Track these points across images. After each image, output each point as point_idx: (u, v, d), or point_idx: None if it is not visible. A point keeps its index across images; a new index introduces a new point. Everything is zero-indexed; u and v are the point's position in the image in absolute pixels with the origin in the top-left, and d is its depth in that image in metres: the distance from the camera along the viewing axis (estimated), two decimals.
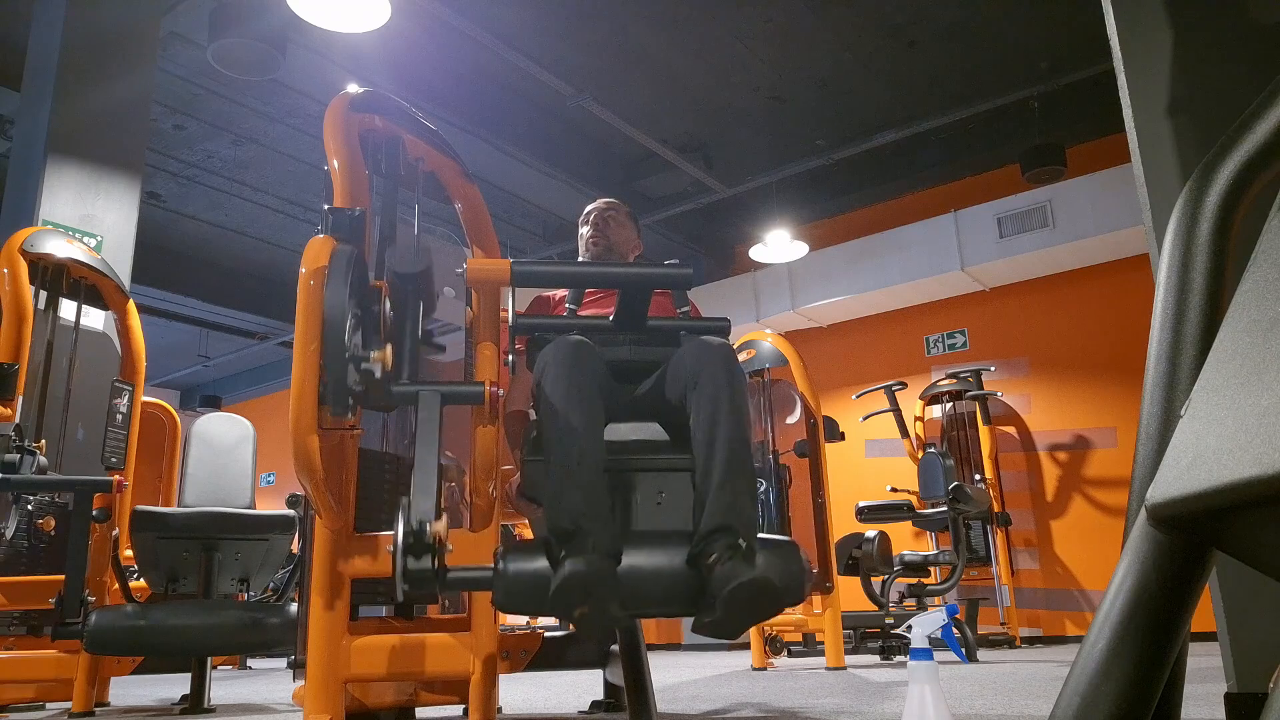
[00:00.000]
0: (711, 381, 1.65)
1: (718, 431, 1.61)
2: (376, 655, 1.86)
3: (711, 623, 1.46)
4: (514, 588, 1.52)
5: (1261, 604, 1.55)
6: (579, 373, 1.66)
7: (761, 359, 4.84)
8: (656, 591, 1.55)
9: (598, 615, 1.44)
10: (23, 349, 2.97)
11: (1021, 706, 2.36)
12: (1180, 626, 0.61)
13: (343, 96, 2.04)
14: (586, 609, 1.43)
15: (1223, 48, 1.76)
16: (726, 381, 1.66)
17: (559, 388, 1.63)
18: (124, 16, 4.71)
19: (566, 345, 1.70)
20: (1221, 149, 0.75)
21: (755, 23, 5.66)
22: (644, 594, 1.54)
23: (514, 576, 1.53)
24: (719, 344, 1.73)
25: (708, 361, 1.68)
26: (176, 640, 2.73)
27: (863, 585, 5.03)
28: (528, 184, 7.36)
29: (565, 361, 1.67)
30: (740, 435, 1.62)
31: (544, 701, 2.99)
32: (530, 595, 1.51)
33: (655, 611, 1.66)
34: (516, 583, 1.52)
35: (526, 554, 1.55)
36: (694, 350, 1.72)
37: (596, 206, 2.53)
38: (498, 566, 1.54)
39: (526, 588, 1.51)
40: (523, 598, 1.52)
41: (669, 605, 1.57)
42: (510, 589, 1.53)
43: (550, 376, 1.66)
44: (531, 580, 1.51)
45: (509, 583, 1.53)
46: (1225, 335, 0.60)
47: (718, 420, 1.62)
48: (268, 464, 10.06)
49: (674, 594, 1.54)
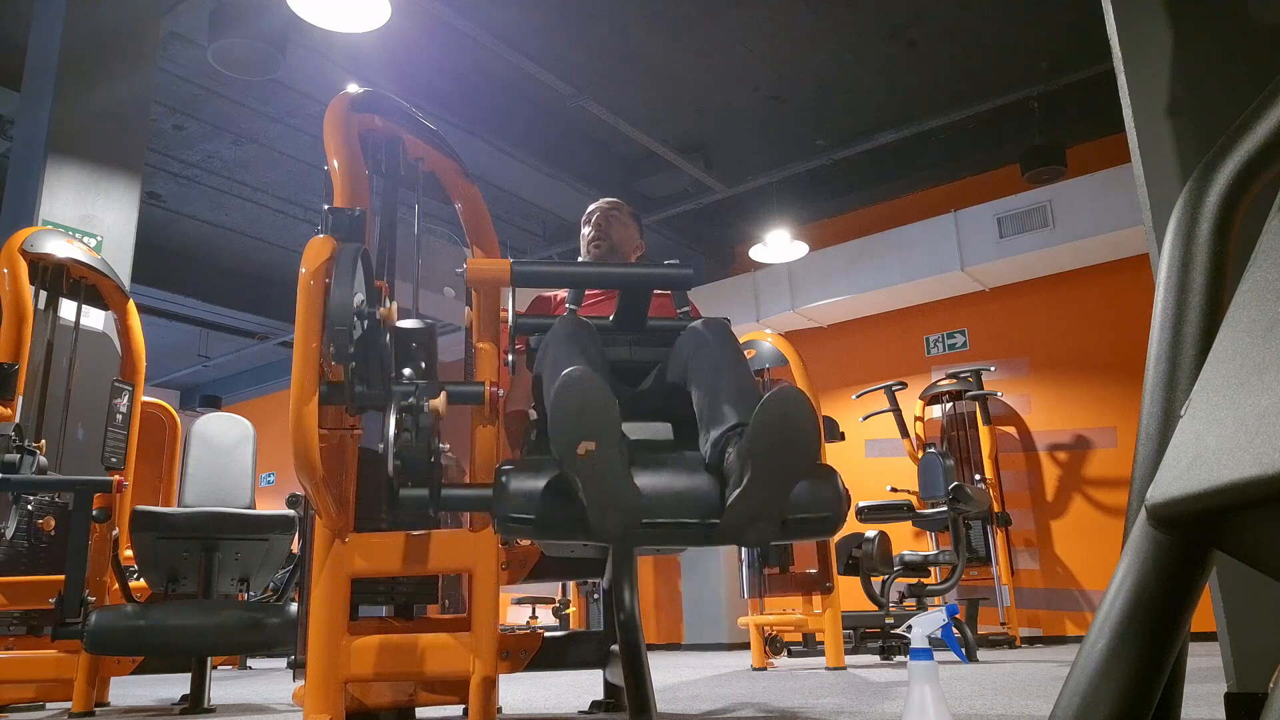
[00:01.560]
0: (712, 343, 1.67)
1: (721, 371, 1.61)
2: (376, 655, 1.86)
3: (740, 497, 1.34)
4: (515, 502, 1.42)
5: (1261, 604, 1.55)
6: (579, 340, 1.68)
7: (761, 359, 4.84)
8: (676, 501, 1.42)
9: (606, 458, 1.30)
10: (23, 349, 2.97)
11: (1021, 706, 2.36)
12: (1180, 626, 0.61)
13: (343, 96, 2.04)
14: (592, 447, 1.30)
15: (1223, 48, 1.76)
16: (726, 340, 1.68)
17: (561, 349, 1.65)
18: (124, 16, 4.71)
19: (565, 321, 1.75)
20: (1221, 149, 0.75)
21: (755, 23, 5.66)
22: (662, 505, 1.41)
23: (516, 491, 1.43)
24: (713, 319, 1.76)
25: (705, 332, 1.71)
26: (176, 640, 2.73)
27: (863, 585, 5.03)
28: (528, 184, 7.36)
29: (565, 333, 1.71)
30: (745, 373, 1.62)
31: (544, 701, 2.99)
32: (533, 510, 1.41)
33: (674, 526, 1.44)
34: (518, 496, 1.43)
35: (530, 468, 1.47)
36: (690, 330, 1.75)
37: (599, 206, 2.53)
38: (498, 480, 1.46)
39: (529, 502, 1.42)
40: (525, 512, 1.42)
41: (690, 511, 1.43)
42: (511, 503, 1.42)
43: (551, 345, 1.68)
44: (535, 494, 1.42)
45: (510, 497, 1.43)
46: (1225, 335, 0.60)
47: (720, 365, 1.62)
48: (268, 464, 10.07)
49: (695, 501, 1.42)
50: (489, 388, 1.70)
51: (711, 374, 1.60)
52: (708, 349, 1.65)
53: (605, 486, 1.33)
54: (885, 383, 6.78)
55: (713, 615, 7.54)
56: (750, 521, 1.36)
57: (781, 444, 1.33)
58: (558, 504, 1.41)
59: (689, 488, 1.44)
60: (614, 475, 1.33)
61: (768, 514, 1.37)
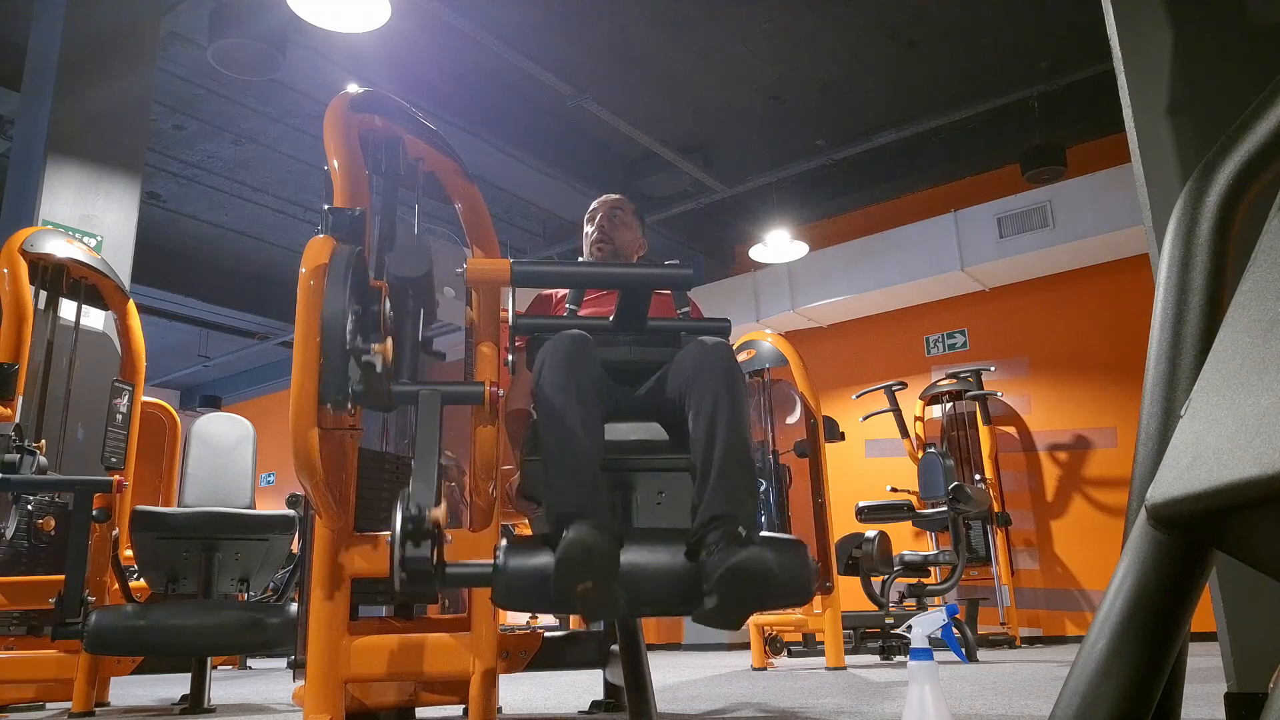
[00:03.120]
0: (710, 381, 1.65)
1: (717, 429, 1.61)
2: (376, 655, 1.86)
3: (710, 610, 1.44)
4: (514, 583, 1.49)
5: (1261, 604, 1.55)
6: (576, 367, 1.66)
7: (761, 359, 4.84)
8: (657, 587, 1.52)
9: (602, 591, 1.41)
10: (23, 349, 2.97)
11: (1021, 706, 2.36)
12: (1180, 626, 0.61)
13: (343, 96, 2.04)
14: (590, 585, 1.40)
15: (1223, 48, 1.76)
16: (725, 381, 1.66)
17: (557, 381, 1.64)
18: (124, 16, 4.71)
19: (564, 340, 1.71)
20: (1221, 149, 0.75)
21: (755, 23, 5.66)
22: (644, 590, 1.52)
23: (514, 571, 1.50)
24: (717, 344, 1.73)
25: (706, 362, 1.68)
26: (176, 640, 2.73)
27: (863, 585, 5.03)
28: (528, 184, 7.36)
29: (562, 356, 1.67)
30: (739, 433, 1.62)
31: (544, 701, 2.99)
32: (531, 590, 1.49)
33: (656, 608, 1.61)
34: (517, 578, 1.49)
35: (527, 548, 1.53)
36: (693, 352, 1.72)
37: (603, 204, 2.50)
38: (497, 561, 1.52)
39: (527, 582, 1.49)
40: (524, 593, 1.50)
41: (669, 601, 1.54)
42: (511, 584, 1.50)
43: (548, 370, 1.66)
44: (532, 575, 1.49)
45: (509, 578, 1.50)
46: (1225, 335, 0.60)
47: (717, 419, 1.62)
48: (268, 464, 10.06)
49: (674, 589, 1.52)
50: (489, 388, 1.70)
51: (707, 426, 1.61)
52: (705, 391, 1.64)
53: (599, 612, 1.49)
54: (885, 383, 6.78)
55: None
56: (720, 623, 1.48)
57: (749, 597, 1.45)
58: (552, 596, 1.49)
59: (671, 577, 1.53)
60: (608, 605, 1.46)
61: (735, 622, 1.50)
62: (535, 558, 1.51)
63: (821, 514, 4.55)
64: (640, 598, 1.52)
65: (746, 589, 1.43)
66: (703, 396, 1.65)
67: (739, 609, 1.45)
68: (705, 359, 1.69)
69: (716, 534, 1.49)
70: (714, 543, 1.48)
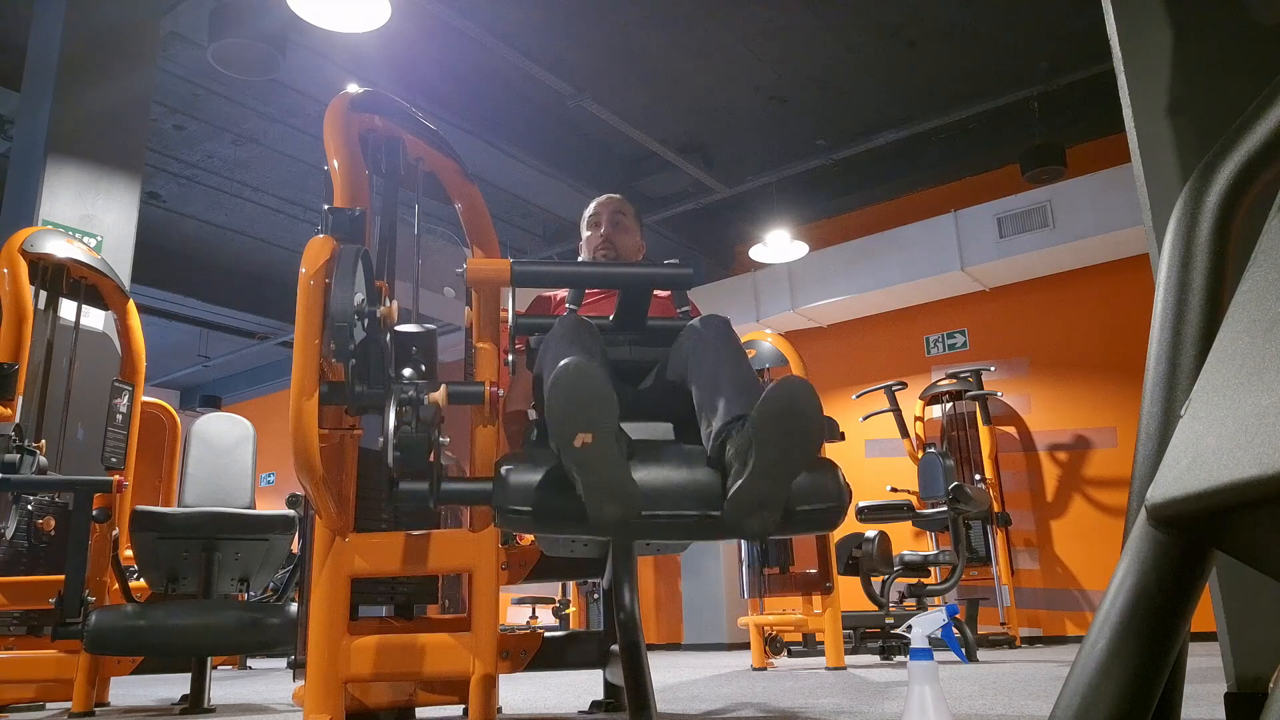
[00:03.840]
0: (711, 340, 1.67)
1: (722, 366, 1.59)
2: (376, 655, 1.86)
3: (742, 487, 1.31)
4: (515, 494, 1.42)
5: (1261, 604, 1.55)
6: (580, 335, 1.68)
7: (761, 359, 4.84)
8: (676, 492, 1.41)
9: (604, 445, 1.29)
10: (23, 349, 2.97)
11: (1021, 706, 2.36)
12: (1180, 626, 0.61)
13: (343, 96, 2.04)
14: (590, 438, 1.28)
15: (1223, 48, 1.76)
16: (725, 337, 1.67)
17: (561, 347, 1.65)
18: (124, 16, 4.71)
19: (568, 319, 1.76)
20: (1221, 149, 0.75)
21: (755, 23, 5.66)
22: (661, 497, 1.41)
23: (516, 482, 1.43)
24: (712, 315, 1.76)
25: (704, 330, 1.70)
26: (176, 640, 2.73)
27: (863, 585, 5.03)
28: (528, 184, 7.36)
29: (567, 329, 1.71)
30: (745, 367, 1.61)
31: (544, 701, 2.99)
32: (533, 500, 1.40)
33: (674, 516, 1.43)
34: (518, 489, 1.42)
35: (528, 462, 1.47)
36: (690, 329, 1.75)
37: (605, 208, 2.48)
38: (498, 473, 1.46)
39: (529, 493, 1.41)
40: (525, 503, 1.42)
41: (690, 503, 1.41)
42: (511, 495, 1.42)
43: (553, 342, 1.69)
44: (534, 486, 1.41)
45: (510, 489, 1.42)
46: (1225, 335, 0.60)
47: (721, 361, 1.61)
48: (268, 464, 10.06)
49: (695, 493, 1.41)
50: (489, 388, 1.70)
51: (711, 369, 1.59)
52: (707, 345, 1.64)
53: (603, 478, 1.31)
54: (885, 383, 6.78)
55: (713, 615, 7.54)
56: (753, 511, 1.34)
57: (787, 431, 1.30)
58: (556, 496, 1.40)
59: (689, 480, 1.43)
60: (612, 466, 1.31)
61: (771, 503, 1.35)
62: (536, 470, 1.45)
63: None
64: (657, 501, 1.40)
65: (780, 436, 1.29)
66: (704, 352, 1.64)
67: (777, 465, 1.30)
68: (703, 327, 1.71)
69: (739, 428, 1.40)
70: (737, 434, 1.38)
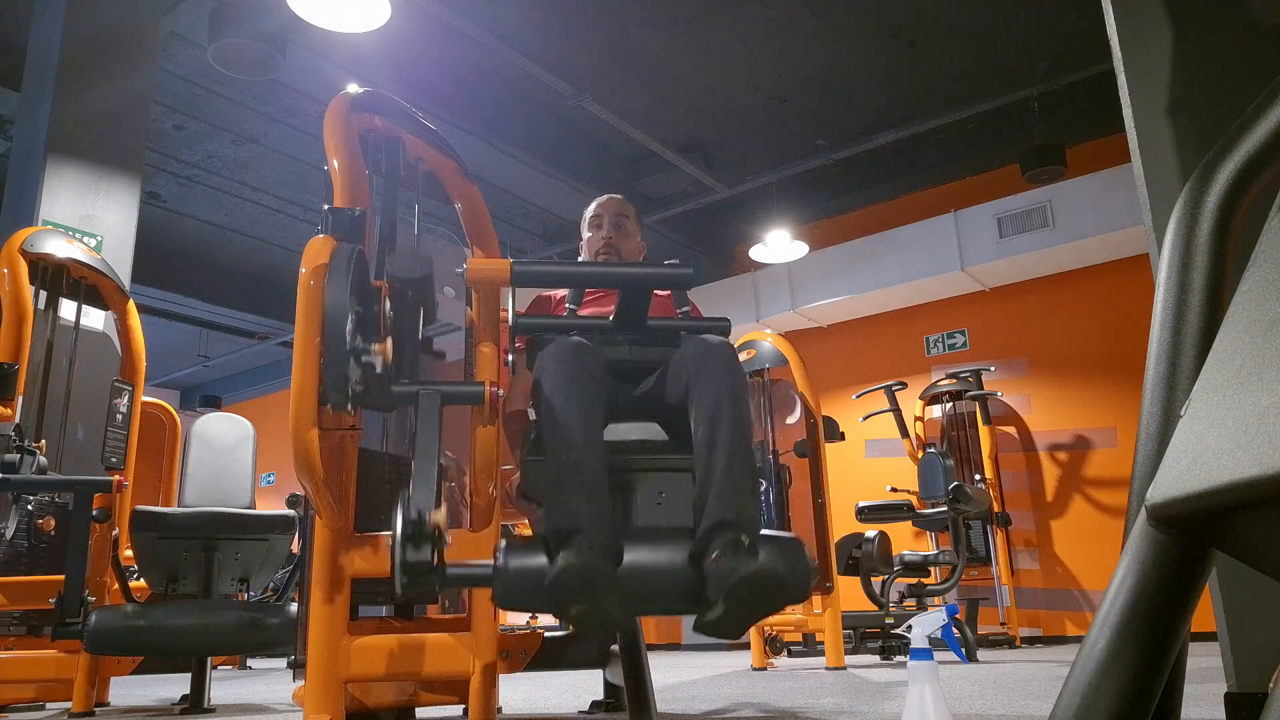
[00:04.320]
0: (712, 379, 1.64)
1: (719, 429, 1.60)
2: (376, 655, 1.86)
3: (713, 620, 1.45)
4: (513, 584, 1.50)
5: (1261, 604, 1.55)
6: (578, 373, 1.65)
7: (761, 359, 4.84)
8: (657, 589, 1.53)
9: (595, 612, 1.43)
10: (23, 349, 2.97)
11: (1021, 706, 2.36)
12: (1180, 626, 0.61)
13: (343, 96, 2.04)
14: (583, 607, 1.42)
15: (1223, 48, 1.76)
16: (727, 380, 1.64)
17: (558, 388, 1.62)
18: (124, 16, 4.71)
19: (565, 346, 1.69)
20: (1221, 149, 0.75)
21: (755, 23, 5.66)
22: (644, 591, 1.52)
23: (513, 573, 1.50)
24: (719, 342, 1.72)
25: (707, 360, 1.67)
26: (176, 640, 2.73)
27: (863, 585, 5.03)
28: (528, 184, 7.36)
29: (564, 362, 1.65)
30: (741, 433, 1.61)
31: (544, 701, 2.99)
32: (529, 592, 1.49)
33: (655, 609, 1.62)
34: (516, 579, 1.50)
35: (526, 550, 1.53)
36: (693, 349, 1.71)
37: (607, 209, 2.46)
38: (497, 562, 1.52)
39: (526, 584, 1.49)
40: (522, 594, 1.50)
41: (669, 603, 1.55)
42: (509, 585, 1.50)
43: (549, 377, 1.64)
44: (531, 576, 1.49)
45: (508, 579, 1.50)
46: (1225, 335, 0.60)
47: (719, 418, 1.60)
48: (268, 464, 10.06)
49: (675, 591, 1.52)
50: (489, 388, 1.70)
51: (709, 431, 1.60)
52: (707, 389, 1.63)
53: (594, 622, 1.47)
54: (885, 383, 6.78)
55: None
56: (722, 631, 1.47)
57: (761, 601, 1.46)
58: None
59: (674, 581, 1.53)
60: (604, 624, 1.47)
61: (739, 631, 1.50)
62: (534, 559, 1.51)
63: (821, 514, 4.55)
64: (641, 597, 1.52)
65: (754, 599, 1.44)
66: (704, 396, 1.63)
67: (746, 618, 1.45)
68: (707, 356, 1.67)
69: (721, 540, 1.49)
70: (719, 550, 1.48)
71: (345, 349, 1.52)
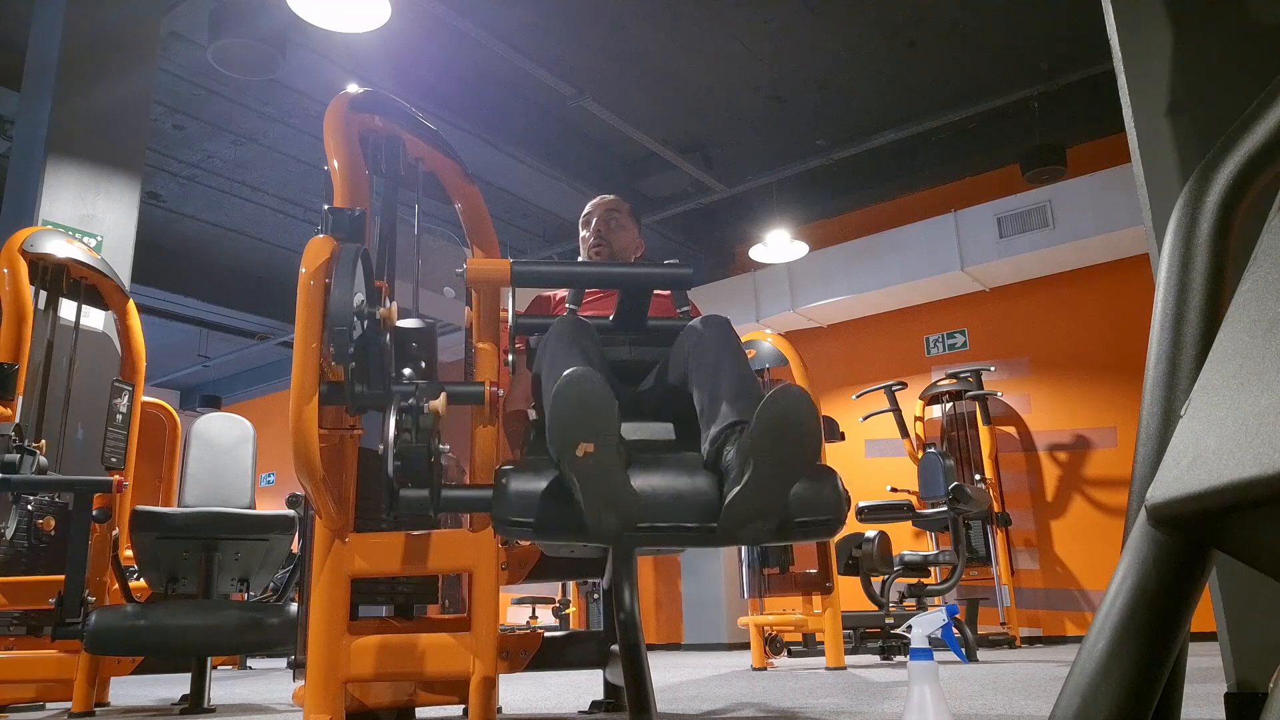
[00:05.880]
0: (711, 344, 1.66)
1: (723, 366, 1.59)
2: (376, 655, 1.86)
3: (742, 491, 1.32)
4: (516, 502, 1.42)
5: (1261, 604, 1.55)
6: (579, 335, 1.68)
7: (761, 359, 4.84)
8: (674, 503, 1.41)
9: (605, 454, 1.29)
10: (23, 349, 2.97)
11: (1021, 706, 2.36)
12: (1180, 626, 0.61)
13: (343, 96, 2.04)
14: (591, 448, 1.28)
15: (1223, 48, 1.76)
16: (725, 337, 1.67)
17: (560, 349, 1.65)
18: (124, 16, 4.71)
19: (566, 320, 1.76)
20: (1221, 149, 0.75)
21: (755, 23, 5.66)
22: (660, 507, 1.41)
23: (516, 490, 1.43)
24: (714, 317, 1.75)
25: (705, 331, 1.70)
26: (176, 640, 2.73)
27: (863, 585, 5.03)
28: (528, 184, 7.36)
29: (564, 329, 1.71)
30: (745, 370, 1.60)
31: (544, 701, 2.99)
32: (533, 508, 1.41)
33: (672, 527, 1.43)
34: (519, 496, 1.43)
35: (529, 469, 1.48)
36: (689, 330, 1.74)
37: (598, 208, 2.49)
38: (499, 480, 1.46)
39: (529, 501, 1.42)
40: (525, 511, 1.42)
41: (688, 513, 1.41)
42: (512, 502, 1.42)
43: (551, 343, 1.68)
44: (535, 493, 1.42)
45: (510, 497, 1.43)
46: (1225, 335, 0.60)
47: (721, 361, 1.60)
48: (268, 464, 10.07)
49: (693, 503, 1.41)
50: (489, 388, 1.70)
51: (711, 371, 1.59)
52: (707, 347, 1.64)
53: (603, 489, 1.32)
54: (885, 383, 6.78)
55: (713, 615, 7.54)
56: (748, 520, 1.34)
57: (784, 441, 1.31)
58: (556, 506, 1.41)
59: (687, 488, 1.43)
60: (612, 477, 1.32)
61: (766, 513, 1.36)
62: (537, 478, 1.45)
63: None
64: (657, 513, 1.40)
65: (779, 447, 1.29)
66: (704, 353, 1.64)
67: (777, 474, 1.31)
68: (704, 328, 1.70)
69: (737, 434, 1.40)
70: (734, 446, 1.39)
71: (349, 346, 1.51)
